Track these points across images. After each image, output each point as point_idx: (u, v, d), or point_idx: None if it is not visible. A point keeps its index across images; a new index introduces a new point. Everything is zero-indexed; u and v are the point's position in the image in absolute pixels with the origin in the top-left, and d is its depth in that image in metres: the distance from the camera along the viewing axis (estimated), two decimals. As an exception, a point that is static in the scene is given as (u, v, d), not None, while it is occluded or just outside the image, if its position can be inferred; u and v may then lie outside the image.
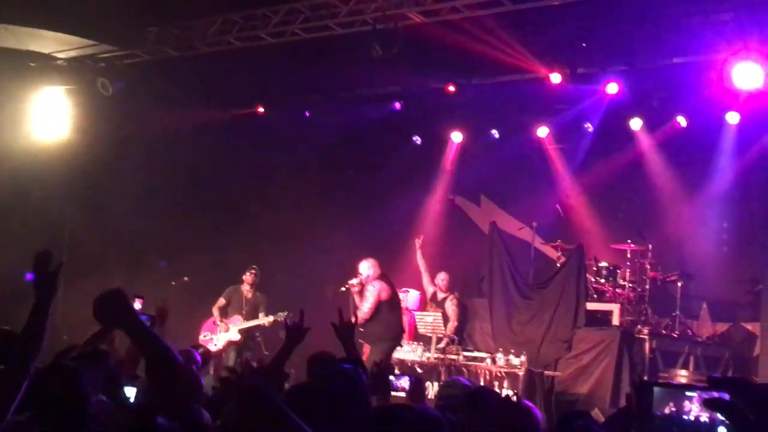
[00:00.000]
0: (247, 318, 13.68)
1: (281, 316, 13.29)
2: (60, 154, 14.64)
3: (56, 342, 7.50)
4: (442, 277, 14.22)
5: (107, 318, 3.37)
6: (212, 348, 13.63)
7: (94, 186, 15.10)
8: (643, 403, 2.36)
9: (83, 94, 14.65)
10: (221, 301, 13.93)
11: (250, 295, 13.92)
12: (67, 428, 3.71)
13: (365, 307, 11.82)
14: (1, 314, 10.39)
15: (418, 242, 14.50)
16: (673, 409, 2.38)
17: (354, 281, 12.17)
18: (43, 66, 14.58)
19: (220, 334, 13.70)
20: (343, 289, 12.40)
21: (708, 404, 2.18)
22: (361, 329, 11.75)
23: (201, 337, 13.72)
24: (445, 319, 13.61)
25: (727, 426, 2.20)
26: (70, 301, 10.44)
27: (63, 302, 11.93)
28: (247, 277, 13.96)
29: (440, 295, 14.12)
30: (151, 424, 3.39)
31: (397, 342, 12.26)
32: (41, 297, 4.37)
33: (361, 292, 12.09)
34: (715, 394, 2.07)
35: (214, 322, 13.85)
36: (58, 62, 14.63)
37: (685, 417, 2.35)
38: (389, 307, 11.98)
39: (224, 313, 13.85)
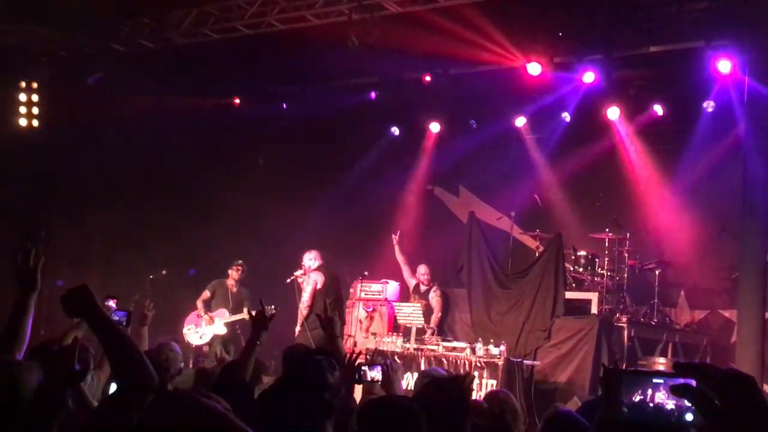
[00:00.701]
0: (233, 312, 13.59)
1: (268, 310, 13.27)
2: (36, 146, 14.56)
3: (33, 336, 7.42)
4: (422, 271, 14.17)
5: (73, 311, 3.45)
6: (197, 341, 13.59)
7: (70, 177, 15.01)
8: (611, 389, 2.36)
9: (59, 86, 14.56)
10: (206, 293, 13.81)
11: (235, 290, 13.82)
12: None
13: (304, 297, 12.79)
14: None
15: (395, 237, 14.49)
16: (642, 396, 2.36)
17: (298, 273, 13.03)
18: (18, 59, 14.47)
19: (206, 327, 13.61)
20: (288, 280, 13.07)
21: (674, 390, 2.18)
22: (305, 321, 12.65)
23: (185, 329, 13.63)
24: (429, 310, 13.62)
25: (693, 411, 2.19)
26: (46, 295, 10.38)
27: (40, 296, 11.83)
28: (233, 272, 13.84)
29: (423, 288, 14.09)
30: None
31: (320, 335, 12.60)
32: (23, 291, 4.41)
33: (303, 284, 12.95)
34: (683, 381, 2.07)
35: (198, 315, 13.74)
36: (33, 56, 14.53)
37: (653, 404, 2.34)
38: (324, 296, 12.68)
39: (208, 306, 13.76)
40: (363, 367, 5.54)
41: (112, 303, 5.72)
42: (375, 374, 5.59)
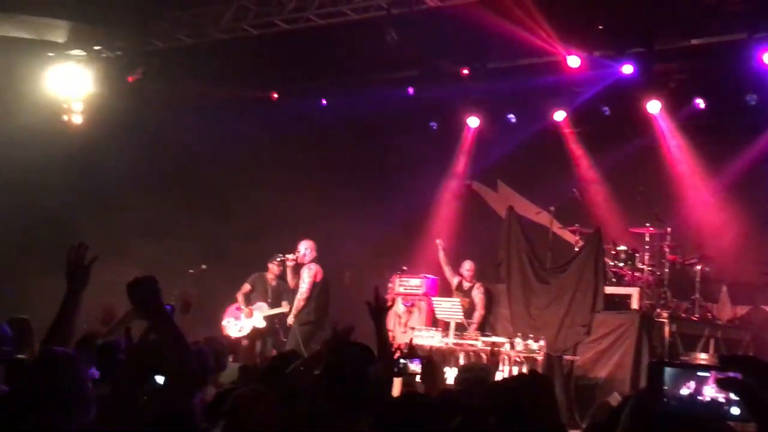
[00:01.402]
0: (272, 306, 13.62)
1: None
2: (74, 141, 14.71)
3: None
4: (467, 267, 13.94)
5: (138, 298, 3.60)
6: (237, 334, 13.63)
7: (108, 173, 15.11)
8: (653, 382, 2.33)
9: (100, 83, 14.69)
10: (246, 287, 13.84)
11: (274, 284, 13.82)
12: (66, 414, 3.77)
13: (303, 288, 12.82)
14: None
15: (440, 243, 14.37)
16: (691, 390, 2.34)
17: (290, 256, 13.01)
18: (59, 55, 14.62)
19: (245, 320, 13.65)
20: (278, 260, 13.13)
21: (721, 383, 2.15)
22: (294, 310, 12.75)
23: (224, 322, 13.69)
24: (472, 307, 13.56)
25: (740, 404, 2.16)
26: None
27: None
28: (273, 266, 13.79)
29: (466, 285, 13.91)
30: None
31: (318, 327, 12.81)
32: (73, 288, 4.53)
33: (294, 269, 12.98)
34: (730, 374, 2.04)
35: (238, 308, 13.80)
36: (74, 51, 14.68)
37: (701, 398, 2.32)
38: (319, 291, 12.88)
39: (247, 299, 13.81)
40: (403, 360, 5.54)
41: None
42: (415, 367, 5.58)
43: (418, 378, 5.92)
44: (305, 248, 13.08)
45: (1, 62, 13.88)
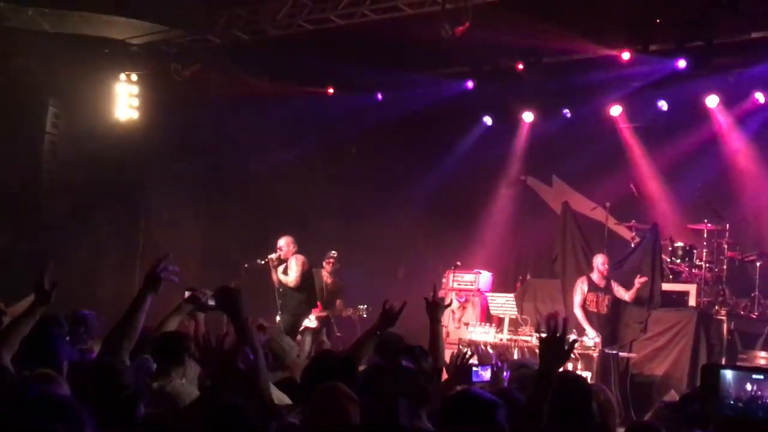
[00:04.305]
0: (326, 304, 13.53)
1: (361, 310, 13.38)
2: (133, 137, 14.91)
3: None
4: (601, 261, 12.79)
5: (225, 305, 4.24)
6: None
7: (165, 168, 15.29)
8: (707, 384, 2.32)
9: (156, 78, 14.86)
10: None
11: (329, 281, 13.72)
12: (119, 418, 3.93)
13: (292, 276, 12.75)
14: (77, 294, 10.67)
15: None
16: (752, 392, 2.31)
17: (273, 256, 12.86)
18: (117, 52, 14.81)
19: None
20: (262, 262, 12.96)
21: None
22: (280, 302, 12.77)
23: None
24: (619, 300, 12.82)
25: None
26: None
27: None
28: (326, 264, 13.74)
29: (601, 282, 12.76)
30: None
31: (300, 318, 12.86)
32: (146, 292, 4.82)
33: (278, 267, 12.86)
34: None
35: None
36: (132, 48, 14.86)
37: (766, 399, 2.29)
38: (306, 281, 12.87)
39: None
40: (474, 368, 5.57)
41: (187, 293, 5.80)
42: (485, 374, 5.62)
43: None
44: (285, 243, 12.93)
45: (62, 59, 14.09)
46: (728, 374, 2.32)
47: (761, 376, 2.25)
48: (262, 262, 12.95)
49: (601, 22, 12.78)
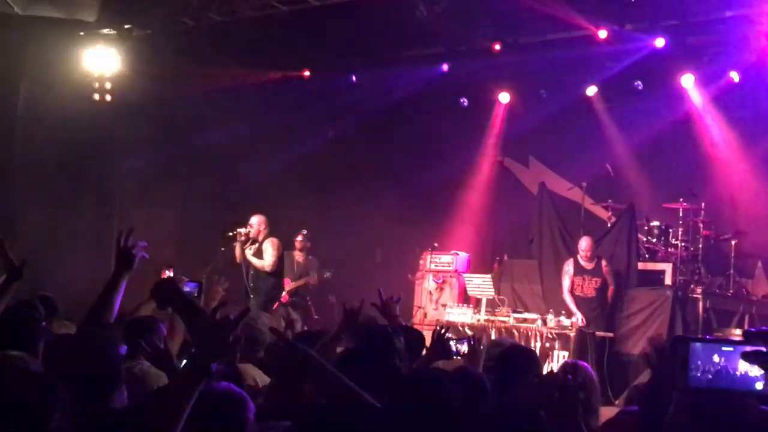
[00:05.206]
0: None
1: (326, 274, 13.45)
2: (107, 119, 14.81)
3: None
4: (584, 246, 12.59)
5: (162, 301, 3.86)
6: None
7: (140, 153, 15.18)
8: (677, 356, 2.32)
9: (130, 60, 14.73)
10: None
11: (301, 260, 13.78)
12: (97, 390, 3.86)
13: (268, 260, 12.29)
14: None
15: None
16: (721, 364, 2.32)
17: (242, 230, 12.40)
18: (90, 34, 14.67)
19: None
20: (230, 234, 12.49)
21: (745, 357, 2.13)
22: (251, 284, 12.38)
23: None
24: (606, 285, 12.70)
25: (764, 378, 2.14)
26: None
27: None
28: (297, 242, 13.85)
29: (588, 265, 12.62)
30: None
31: (274, 300, 12.61)
32: (118, 270, 4.78)
33: (245, 242, 12.38)
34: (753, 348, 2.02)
35: None
36: (105, 30, 14.72)
37: (734, 371, 2.30)
38: (279, 265, 12.52)
39: None
40: (451, 342, 5.63)
41: (169, 272, 5.79)
42: (463, 348, 5.68)
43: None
44: (257, 222, 12.45)
45: (33, 41, 13.95)
46: (698, 346, 2.32)
47: (731, 348, 2.26)
48: (230, 234, 12.49)
49: (576, 1, 12.77)
